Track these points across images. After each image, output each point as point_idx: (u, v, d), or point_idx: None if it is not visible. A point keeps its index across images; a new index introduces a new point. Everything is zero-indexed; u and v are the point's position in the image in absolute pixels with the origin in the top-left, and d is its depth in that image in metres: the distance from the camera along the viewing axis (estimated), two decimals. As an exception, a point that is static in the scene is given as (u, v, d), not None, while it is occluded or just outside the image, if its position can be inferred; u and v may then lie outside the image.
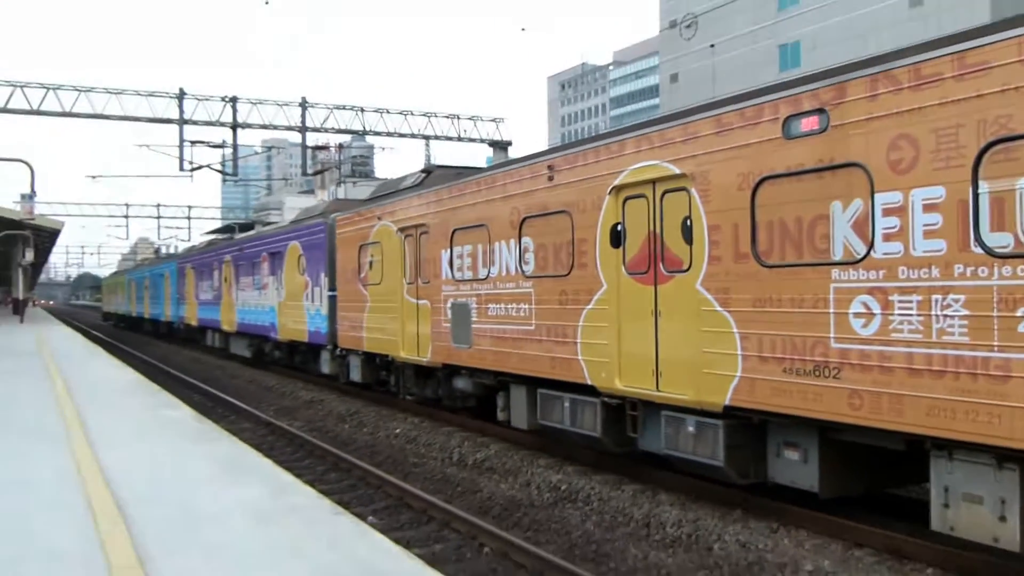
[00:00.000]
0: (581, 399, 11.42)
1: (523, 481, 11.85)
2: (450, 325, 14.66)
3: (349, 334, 19.49)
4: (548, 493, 11.18)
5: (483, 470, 12.81)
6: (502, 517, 10.34)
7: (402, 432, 15.96)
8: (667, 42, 69.70)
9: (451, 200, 14.78)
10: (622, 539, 9.24)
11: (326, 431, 17.03)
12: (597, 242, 11.01)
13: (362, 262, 18.73)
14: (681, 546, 8.91)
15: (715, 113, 9.26)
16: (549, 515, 10.27)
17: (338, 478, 12.72)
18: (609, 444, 11.14)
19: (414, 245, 16.25)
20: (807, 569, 7.89)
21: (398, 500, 11.21)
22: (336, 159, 60.54)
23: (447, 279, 14.87)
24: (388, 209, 17.41)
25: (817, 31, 58.21)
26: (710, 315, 9.23)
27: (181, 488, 7.87)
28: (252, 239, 29.52)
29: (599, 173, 10.97)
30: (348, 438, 16.14)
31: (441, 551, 9.01)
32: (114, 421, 11.96)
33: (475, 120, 42.13)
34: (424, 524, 10.16)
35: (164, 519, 6.80)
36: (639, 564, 8.43)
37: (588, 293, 11.15)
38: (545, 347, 12.02)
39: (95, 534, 6.39)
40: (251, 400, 21.60)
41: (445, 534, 9.69)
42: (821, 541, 8.63)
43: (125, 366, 21.35)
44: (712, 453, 9.22)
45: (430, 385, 16.63)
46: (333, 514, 6.97)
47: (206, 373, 28.92)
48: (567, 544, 9.19)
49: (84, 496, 7.57)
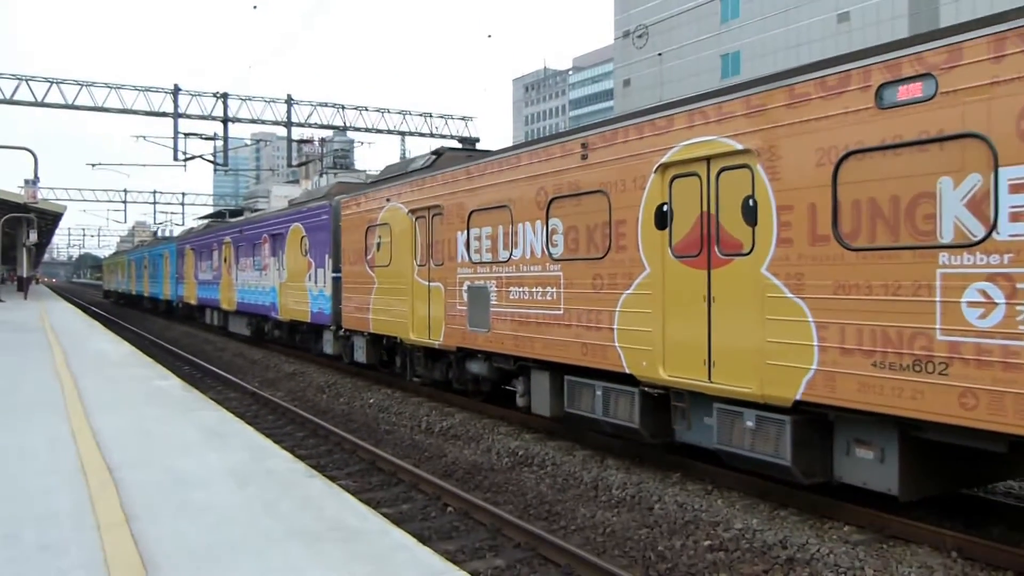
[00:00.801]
0: (616, 388, 10.07)
1: (485, 447, 11.83)
2: (466, 308, 13.25)
3: (354, 315, 17.93)
4: (507, 458, 11.17)
5: (448, 437, 12.77)
6: (465, 480, 10.32)
7: (375, 402, 15.87)
8: (621, 50, 69.79)
9: (469, 180, 13.24)
10: (572, 500, 9.25)
11: (306, 400, 16.89)
12: (639, 223, 9.59)
13: (369, 244, 17.20)
14: (625, 506, 8.94)
15: (786, 83, 7.83)
16: (507, 478, 10.27)
17: (316, 444, 12.62)
18: (646, 435, 9.78)
19: (426, 226, 14.75)
20: (737, 527, 7.96)
21: (370, 464, 11.15)
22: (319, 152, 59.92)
23: (463, 261, 13.40)
24: (398, 190, 15.88)
25: (756, 43, 58.66)
26: (778, 302, 7.81)
27: (168, 453, 7.74)
28: (253, 221, 27.86)
29: (642, 151, 9.51)
30: (326, 407, 16.01)
31: (408, 510, 8.97)
32: (108, 391, 11.74)
33: (446, 118, 42.00)
34: (393, 486, 10.11)
35: (151, 481, 6.68)
36: (587, 523, 8.45)
37: (627, 277, 9.75)
38: (575, 333, 10.63)
39: (86, 495, 6.26)
40: (238, 372, 21.37)
41: (412, 495, 9.65)
42: (751, 502, 8.71)
43: (121, 340, 20.98)
44: (776, 451, 7.87)
45: (439, 368, 15.36)
46: (307, 477, 6.89)
47: (196, 347, 28.55)
48: (523, 504, 9.19)
49: (77, 460, 7.41)
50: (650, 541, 7.82)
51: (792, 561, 7.15)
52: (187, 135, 37.62)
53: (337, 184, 22.10)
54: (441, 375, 15.30)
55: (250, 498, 6.19)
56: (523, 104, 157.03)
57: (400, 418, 14.35)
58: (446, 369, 15.09)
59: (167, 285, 42.64)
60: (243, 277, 27.52)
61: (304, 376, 20.08)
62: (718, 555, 7.41)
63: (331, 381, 18.72)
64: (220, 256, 31.00)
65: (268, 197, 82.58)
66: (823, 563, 7.01)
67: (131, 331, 35.18)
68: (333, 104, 39.50)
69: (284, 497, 6.21)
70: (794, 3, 55.67)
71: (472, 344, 13.18)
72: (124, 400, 10.94)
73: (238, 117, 37.42)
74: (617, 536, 8.01)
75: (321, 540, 5.21)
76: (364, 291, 17.35)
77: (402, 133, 41.27)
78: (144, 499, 6.16)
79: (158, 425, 9.15)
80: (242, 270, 27.68)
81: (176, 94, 35.78)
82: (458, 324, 13.55)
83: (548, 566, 7.28)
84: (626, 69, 70.91)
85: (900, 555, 7.06)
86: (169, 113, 35.84)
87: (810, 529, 7.81)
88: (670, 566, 7.22)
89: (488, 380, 13.78)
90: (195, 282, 35.36)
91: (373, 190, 17.25)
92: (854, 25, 52.57)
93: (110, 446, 7.99)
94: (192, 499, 6.17)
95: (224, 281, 30.14)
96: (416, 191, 15.13)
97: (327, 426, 13.20)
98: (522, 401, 12.52)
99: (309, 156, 59.31)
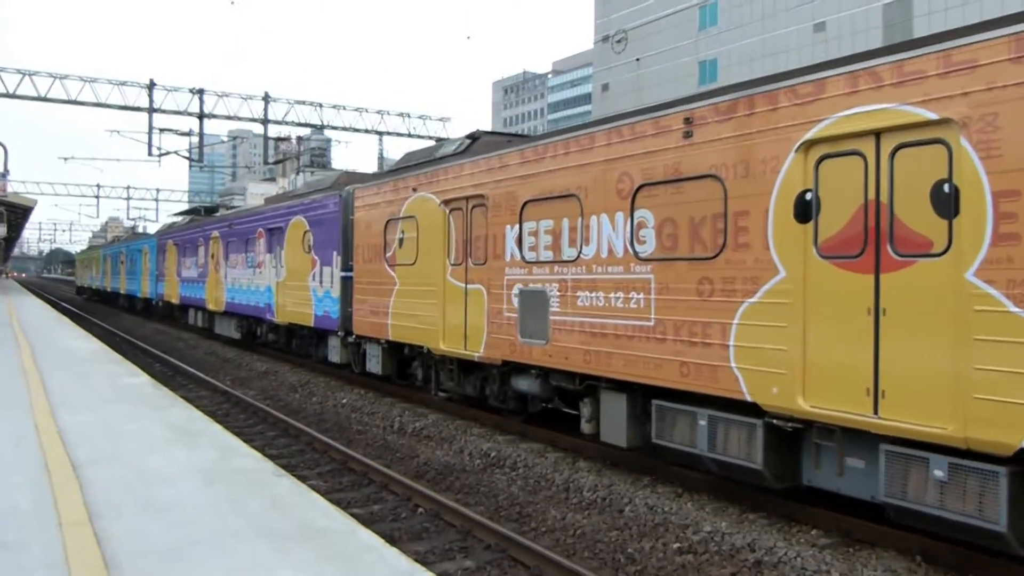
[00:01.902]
0: (729, 418, 8.21)
1: (457, 448, 11.80)
2: (516, 315, 11.35)
3: (368, 320, 15.88)
4: (479, 459, 11.14)
5: (421, 438, 12.72)
6: (436, 481, 10.28)
7: (348, 402, 15.77)
8: (600, 54, 70.05)
9: (523, 166, 11.31)
10: (543, 502, 9.24)
11: (278, 400, 16.75)
12: (770, 215, 7.74)
13: (389, 239, 15.11)
14: (596, 508, 8.94)
15: (1012, 31, 6.07)
16: (479, 479, 10.24)
17: (287, 443, 12.51)
18: (769, 477, 7.91)
19: (463, 220, 12.81)
20: (706, 530, 7.99)
21: (342, 464, 11.07)
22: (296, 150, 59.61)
23: (513, 260, 11.49)
24: (428, 179, 13.80)
25: (733, 50, 59.11)
26: (994, 318, 6.08)
27: (135, 450, 7.64)
28: (246, 214, 25.37)
29: (776, 125, 7.72)
30: (298, 406, 15.89)
31: (379, 511, 8.92)
32: (75, 387, 11.57)
33: (424, 119, 41.92)
34: (364, 486, 10.04)
35: (116, 479, 6.59)
36: (558, 524, 8.44)
37: (751, 282, 7.88)
38: (671, 349, 8.79)
39: (49, 492, 6.16)
40: (209, 370, 21.15)
41: (383, 495, 9.60)
42: (720, 505, 8.75)
43: (91, 336, 20.70)
44: (980, 511, 6.18)
45: (472, 382, 13.41)
46: (276, 476, 6.82)
47: (168, 345, 28.23)
48: (494, 506, 9.16)
49: (41, 457, 7.29)
50: (620, 543, 7.83)
51: (760, 564, 7.19)
52: (162, 130, 37.21)
53: (344, 174, 19.91)
54: (475, 390, 13.35)
55: (217, 497, 6.12)
56: (502, 107, 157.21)
57: (373, 418, 14.27)
58: (481, 384, 13.23)
59: (146, 282, 40.37)
60: (233, 275, 25.43)
61: (277, 375, 19.92)
62: (687, 557, 7.43)
63: (304, 380, 18.58)
64: (207, 252, 28.78)
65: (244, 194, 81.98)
66: (790, 566, 7.05)
67: (102, 327, 34.72)
68: (311, 102, 39.31)
69: (252, 496, 6.15)
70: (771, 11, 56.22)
71: (524, 358, 11.29)
72: (92, 397, 10.78)
73: (214, 113, 37.08)
74: (587, 538, 8.01)
75: (289, 540, 5.16)
76: (382, 293, 15.36)
77: (379, 133, 41.16)
78: (108, 497, 6.07)
79: (126, 422, 9.03)
80: (232, 267, 25.60)
81: (151, 89, 35.39)
82: (505, 334, 11.63)
83: (518, 567, 7.27)
84: (605, 73, 71.19)
85: (866, 559, 7.12)
86: (144, 108, 35.43)
87: (778, 533, 7.86)
88: (639, 568, 7.23)
89: (539, 399, 11.95)
90: (178, 280, 33.27)
91: (396, 178, 15.13)
92: (830, 35, 53.14)
93: (75, 443, 7.87)
94: (158, 497, 6.09)
95: (211, 279, 28.08)
96: (451, 179, 13.14)
97: (298, 425, 13.09)
98: (588, 427, 10.64)
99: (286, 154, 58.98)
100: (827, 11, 53.63)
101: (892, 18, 50.45)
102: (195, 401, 15.45)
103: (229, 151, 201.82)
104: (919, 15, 48.87)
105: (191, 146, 39.78)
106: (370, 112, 40.78)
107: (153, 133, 36.26)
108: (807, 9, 54.59)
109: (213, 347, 26.64)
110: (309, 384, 18.07)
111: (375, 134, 41.33)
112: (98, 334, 29.52)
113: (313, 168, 61.72)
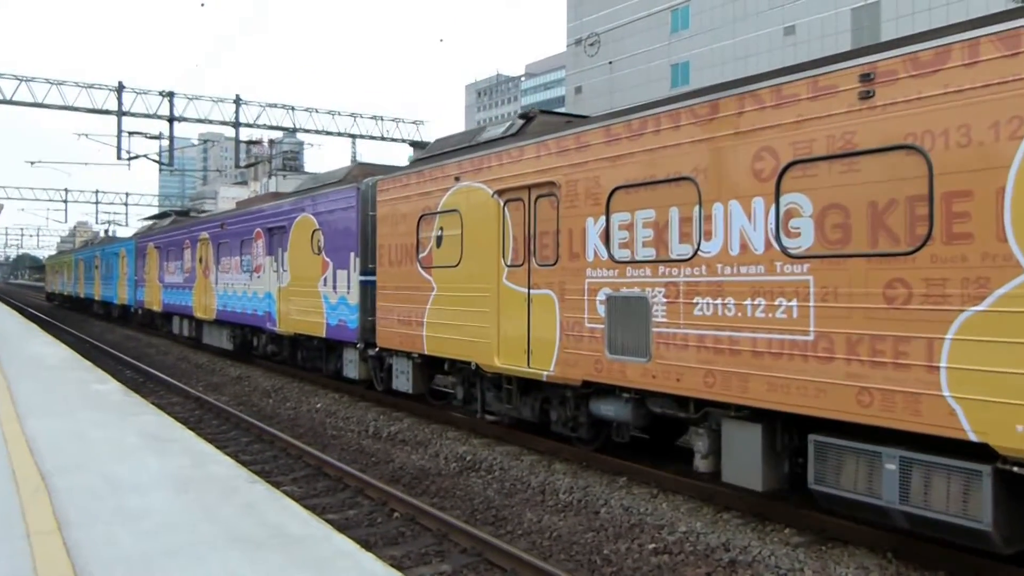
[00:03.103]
0: (936, 462, 6.41)
1: (432, 452, 11.77)
2: (603, 326, 9.44)
3: (395, 331, 13.87)
4: (455, 463, 11.12)
5: (396, 442, 12.67)
6: (412, 485, 10.24)
7: (323, 407, 15.68)
8: (573, 57, 70.30)
9: (610, 145, 9.40)
10: (519, 504, 9.25)
11: (252, 405, 16.61)
12: (1007, 196, 5.97)
13: (423, 238, 13.17)
14: (572, 510, 8.96)
15: None
16: (455, 483, 10.22)
17: (261, 449, 12.41)
18: (997, 540, 6.14)
19: (524, 213, 10.90)
20: (682, 530, 8.03)
21: (316, 469, 11.00)
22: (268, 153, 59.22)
23: (598, 260, 9.59)
24: (475, 166, 11.89)
25: (704, 53, 59.59)
26: None
27: (105, 458, 7.54)
28: (240, 213, 23.13)
29: (1018, 74, 5.92)
30: (272, 412, 15.77)
31: (354, 516, 8.87)
32: (43, 395, 11.41)
33: (397, 122, 41.80)
34: (340, 491, 9.98)
35: (86, 488, 6.50)
36: (534, 527, 8.45)
37: (974, 284, 6.12)
38: (842, 370, 6.95)
39: (17, 501, 6.07)
40: (181, 376, 20.94)
41: (359, 500, 9.55)
42: (695, 505, 8.80)
43: (59, 343, 20.42)
44: None
45: (529, 404, 11.41)
46: (250, 482, 6.77)
47: (139, 351, 27.90)
48: (470, 509, 9.15)
49: (8, 465, 7.18)
50: (596, 545, 7.85)
51: (735, 563, 7.24)
52: (131, 134, 36.78)
53: (358, 166, 18.00)
54: (532, 414, 11.38)
55: (189, 504, 6.06)
56: (475, 109, 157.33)
57: (347, 423, 14.20)
58: (540, 406, 11.28)
59: (123, 288, 37.58)
60: (226, 280, 23.32)
61: (250, 380, 19.76)
62: (662, 558, 7.47)
63: (278, 386, 18.45)
64: (194, 255, 26.52)
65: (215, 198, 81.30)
66: (764, 565, 7.11)
67: (71, 334, 34.26)
68: (283, 105, 39.03)
69: (225, 503, 6.09)
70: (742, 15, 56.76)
71: (615, 378, 9.32)
72: (60, 404, 10.63)
73: (185, 116, 36.74)
74: (563, 540, 8.02)
75: (262, 547, 5.12)
76: (414, 299, 13.34)
77: (353, 136, 40.98)
78: (78, 505, 5.99)
79: (95, 430, 8.92)
80: (224, 272, 23.47)
81: (120, 91, 34.98)
82: (586, 348, 9.71)
83: (494, 571, 7.26)
84: (578, 76, 71.45)
85: (838, 556, 7.20)
86: (113, 111, 35.01)
87: (752, 532, 7.92)
88: (615, 569, 7.25)
89: (629, 427, 10.05)
90: (160, 285, 30.65)
91: (431, 166, 13.15)
92: (800, 38, 53.76)
93: (44, 451, 7.76)
94: (129, 505, 6.02)
95: (199, 285, 25.86)
96: (507, 165, 11.23)
97: (272, 431, 12.99)
98: (705, 464, 8.79)
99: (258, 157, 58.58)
100: (797, 15, 54.29)
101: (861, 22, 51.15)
102: (167, 408, 15.28)
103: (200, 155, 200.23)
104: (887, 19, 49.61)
105: (161, 150, 39.41)
106: (343, 115, 40.58)
107: (122, 136, 35.80)
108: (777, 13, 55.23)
109: (185, 353, 26.37)
110: (283, 389, 17.95)
111: (348, 137, 41.14)
112: (68, 341, 29.11)
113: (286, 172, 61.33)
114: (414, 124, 41.86)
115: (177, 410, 15.54)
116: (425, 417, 14.12)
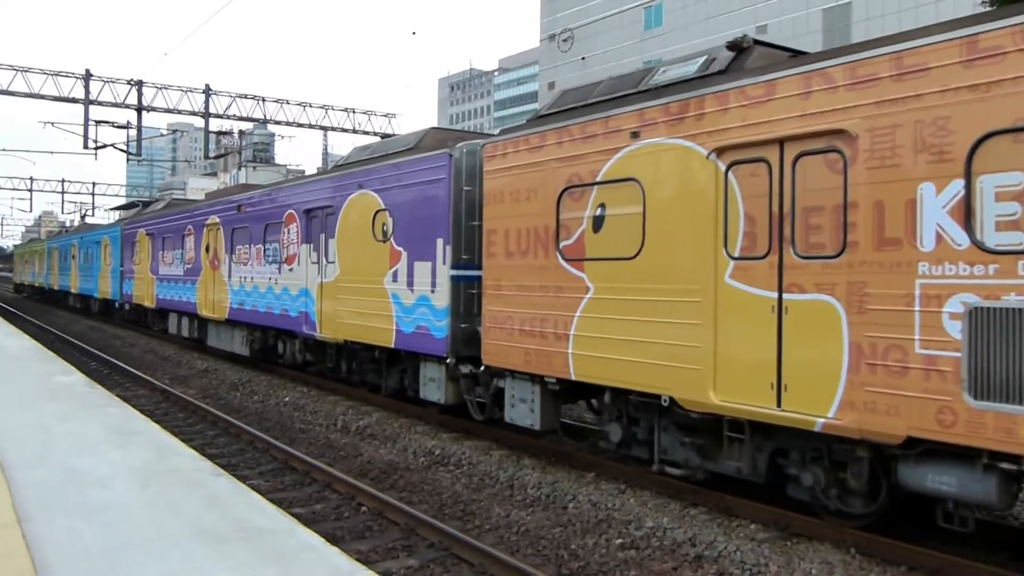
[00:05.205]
0: None
1: (401, 447, 11.73)
2: (961, 355, 6.13)
3: (516, 344, 10.43)
4: (423, 457, 11.10)
5: (364, 436, 12.62)
6: (380, 479, 10.21)
7: (291, 400, 15.56)
8: (546, 53, 70.42)
9: (971, 69, 6.16)
10: (488, 499, 9.25)
11: (219, 398, 16.45)
12: None
13: (567, 219, 9.76)
14: (540, 505, 8.98)
15: None
16: (423, 477, 10.19)
17: (227, 442, 12.29)
18: None
19: (769, 180, 7.57)
20: (648, 525, 8.08)
21: (283, 463, 10.92)
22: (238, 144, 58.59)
23: (945, 248, 6.26)
24: (672, 113, 8.47)
25: (677, 51, 59.88)
26: None
27: (67, 451, 7.43)
28: (265, 192, 18.98)
29: None
30: (239, 405, 15.63)
31: (321, 510, 8.82)
32: (5, 386, 11.21)
33: (369, 115, 41.52)
34: (307, 485, 9.92)
35: (47, 481, 6.40)
36: (502, 522, 8.45)
37: None
38: None
39: (-25, 495, 5.96)
40: (147, 368, 20.68)
41: (326, 495, 9.49)
42: (662, 501, 8.85)
43: (22, 334, 20.08)
44: None
45: (748, 455, 8.04)
46: (214, 475, 6.71)
47: (104, 342, 27.50)
48: (438, 504, 9.13)
49: (-33, 459, 7.05)
50: (563, 540, 7.87)
51: (700, 559, 7.30)
52: (99, 123, 36.22)
53: (432, 130, 14.42)
54: (751, 468, 8.06)
55: (153, 498, 5.99)
56: (448, 103, 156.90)
57: (316, 417, 14.11)
58: (768, 460, 7.97)
59: (105, 280, 33.01)
60: (243, 273, 19.55)
61: (217, 373, 19.56)
62: (629, 553, 7.51)
63: (245, 379, 18.28)
64: (198, 244, 22.69)
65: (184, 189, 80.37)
66: (730, 560, 7.18)
67: (35, 325, 33.71)
68: (253, 96, 38.58)
69: (189, 497, 6.03)
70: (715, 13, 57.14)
71: (985, 437, 6.01)
72: (22, 396, 10.46)
73: (153, 106, 36.17)
74: (531, 535, 8.03)
75: (226, 541, 5.07)
76: (551, 303, 9.95)
77: (324, 128, 40.66)
78: (39, 499, 5.89)
79: (58, 422, 8.78)
80: (241, 263, 19.71)
81: (87, 80, 34.38)
82: (918, 387, 6.38)
83: (461, 565, 7.26)
84: (551, 72, 71.58)
85: (803, 552, 7.28)
86: (80, 99, 34.43)
87: (718, 527, 7.98)
88: (582, 564, 7.28)
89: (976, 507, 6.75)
90: (153, 278, 26.51)
91: (584, 120, 9.60)
92: (771, 37, 54.25)
93: (4, 445, 7.63)
94: (91, 499, 5.93)
95: (205, 278, 22.02)
96: (737, 110, 7.85)
97: (239, 424, 12.88)
98: None
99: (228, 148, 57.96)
100: (769, 14, 54.80)
101: (832, 22, 51.72)
102: (132, 400, 15.09)
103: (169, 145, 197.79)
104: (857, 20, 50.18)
105: (129, 139, 38.91)
106: (314, 107, 40.22)
107: (89, 125, 35.25)
108: (749, 12, 55.67)
109: (152, 345, 26.04)
110: (250, 383, 17.79)
111: (320, 129, 40.85)
112: (31, 331, 28.65)
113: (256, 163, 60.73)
114: (386, 117, 41.65)
115: (143, 403, 15.35)
116: (394, 411, 14.07)
